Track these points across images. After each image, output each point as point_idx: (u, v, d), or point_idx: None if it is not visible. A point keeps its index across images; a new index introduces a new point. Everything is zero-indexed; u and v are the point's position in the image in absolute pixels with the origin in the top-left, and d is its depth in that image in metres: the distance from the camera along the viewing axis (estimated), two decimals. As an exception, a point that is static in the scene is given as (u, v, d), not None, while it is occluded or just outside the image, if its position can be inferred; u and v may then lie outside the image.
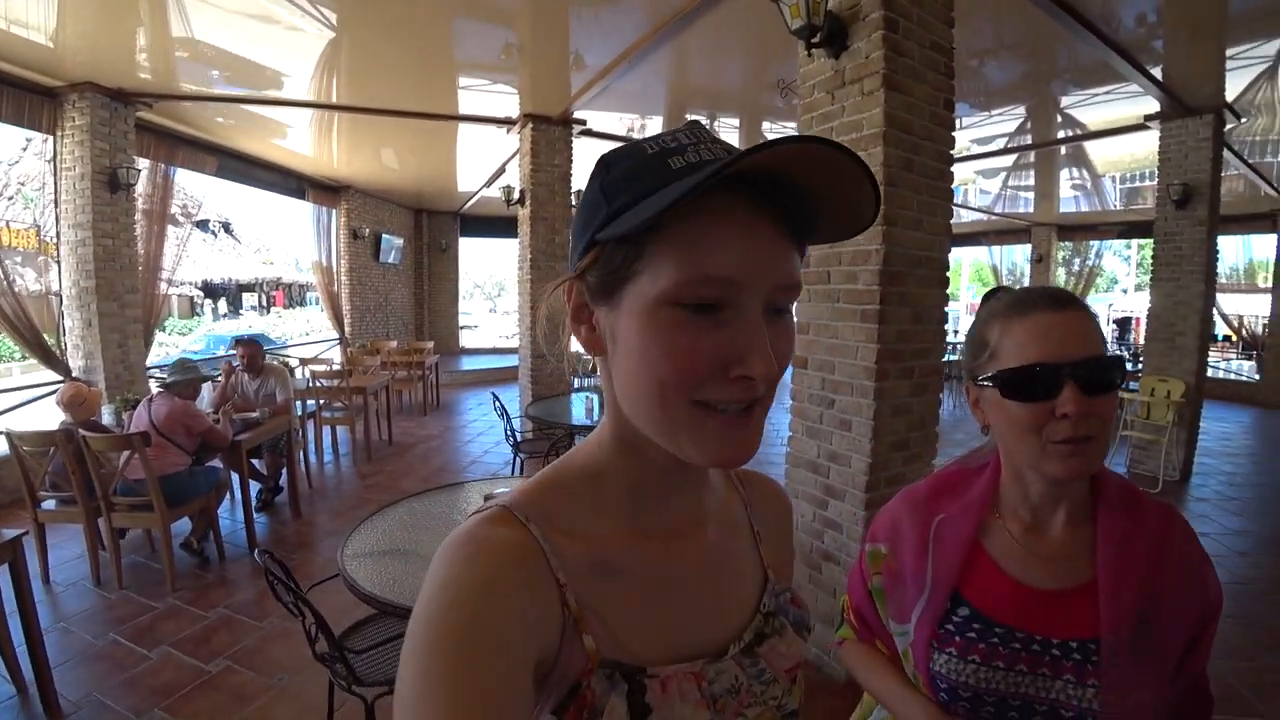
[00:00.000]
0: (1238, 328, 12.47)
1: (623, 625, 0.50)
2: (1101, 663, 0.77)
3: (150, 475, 3.18)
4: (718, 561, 0.58)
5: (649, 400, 0.45)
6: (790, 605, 0.61)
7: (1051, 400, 0.75)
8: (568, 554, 0.49)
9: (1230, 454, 6.64)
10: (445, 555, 0.45)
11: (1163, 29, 4.02)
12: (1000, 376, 0.79)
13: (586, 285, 0.48)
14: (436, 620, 0.41)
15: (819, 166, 0.40)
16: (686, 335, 0.42)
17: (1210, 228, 5.33)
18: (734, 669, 0.53)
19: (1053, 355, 0.75)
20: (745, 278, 0.42)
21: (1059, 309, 0.78)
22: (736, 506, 0.64)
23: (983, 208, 10.93)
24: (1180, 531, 0.84)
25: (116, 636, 2.86)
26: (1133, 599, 0.77)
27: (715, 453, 0.45)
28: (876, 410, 2.40)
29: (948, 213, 2.57)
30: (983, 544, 0.88)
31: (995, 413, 0.82)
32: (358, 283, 9.95)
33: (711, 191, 0.40)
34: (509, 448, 4.80)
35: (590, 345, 0.50)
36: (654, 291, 0.43)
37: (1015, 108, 5.79)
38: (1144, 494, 0.87)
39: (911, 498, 0.97)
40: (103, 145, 4.97)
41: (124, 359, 5.21)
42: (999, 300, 0.86)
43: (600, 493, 0.53)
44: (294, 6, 3.79)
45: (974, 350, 0.87)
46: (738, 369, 0.42)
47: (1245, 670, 2.72)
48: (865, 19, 2.32)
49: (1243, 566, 3.81)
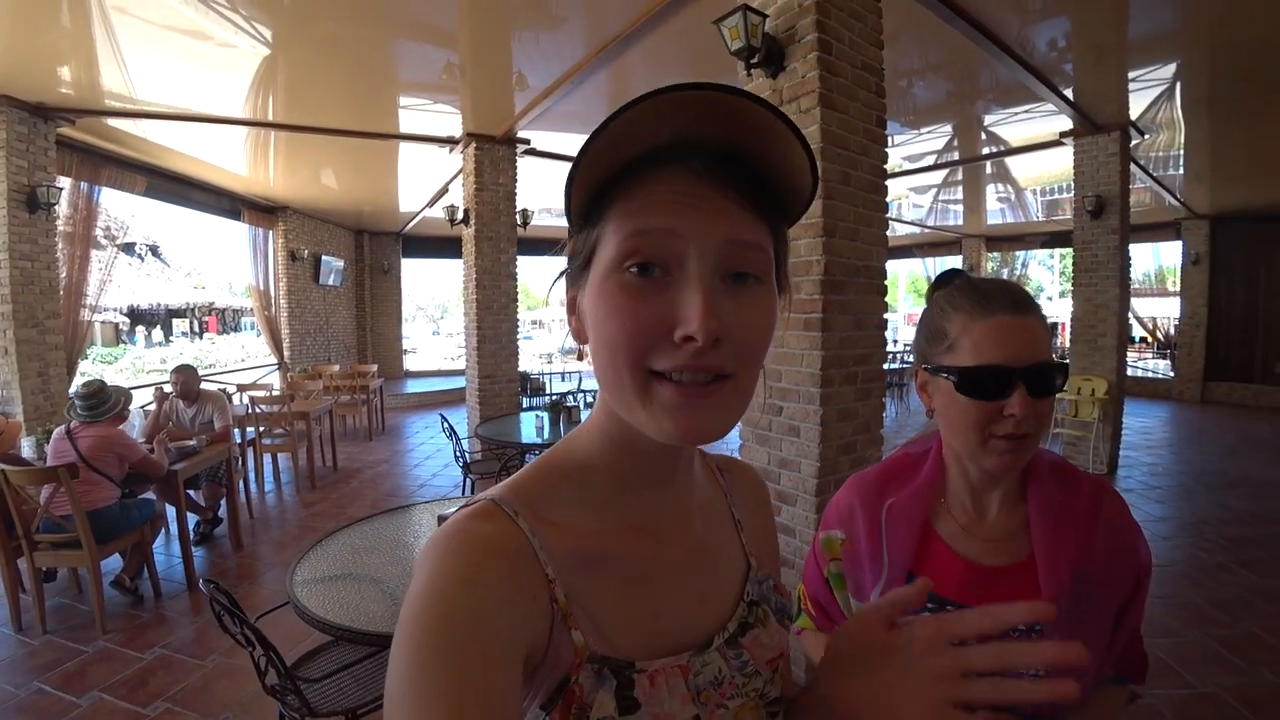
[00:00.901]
0: (1152, 329, 13.34)
1: (611, 619, 0.50)
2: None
3: (78, 510, 3.00)
4: (703, 553, 0.58)
5: (606, 371, 0.46)
6: (773, 593, 0.62)
7: (1001, 400, 0.79)
8: (556, 548, 0.49)
9: (1151, 446, 7.07)
10: (432, 550, 0.45)
11: (1072, 53, 4.32)
12: (957, 372, 0.82)
13: (569, 276, 0.51)
14: (424, 614, 0.41)
15: (737, 121, 0.42)
16: (630, 298, 0.43)
17: (1122, 236, 5.71)
18: (718, 660, 0.53)
19: (1008, 359, 0.79)
20: (685, 228, 0.43)
21: (1019, 314, 0.82)
22: (717, 496, 0.64)
23: (916, 221, 11.41)
24: (1110, 500, 0.89)
25: (42, 685, 2.68)
26: (1069, 566, 0.83)
27: (672, 425, 0.44)
28: (823, 416, 2.47)
29: (883, 224, 2.69)
30: (934, 527, 0.92)
31: (943, 401, 0.85)
32: (297, 306, 9.64)
33: (660, 166, 0.44)
34: (459, 470, 4.72)
35: (576, 334, 0.51)
36: (604, 261, 0.45)
37: (942, 126, 6.10)
38: (1076, 469, 0.93)
39: (862, 484, 1.00)
40: (20, 162, 4.71)
41: (44, 388, 4.91)
42: (960, 292, 0.87)
43: (589, 485, 0.53)
44: (227, 23, 3.70)
45: (930, 337, 0.89)
46: (680, 329, 0.42)
47: (1171, 644, 2.90)
48: (801, 41, 2.43)
49: (1165, 550, 4.05)
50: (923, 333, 0.92)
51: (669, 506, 0.57)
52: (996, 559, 0.88)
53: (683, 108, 0.41)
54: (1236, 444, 7.19)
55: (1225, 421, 8.61)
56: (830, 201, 2.44)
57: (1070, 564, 0.83)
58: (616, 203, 0.45)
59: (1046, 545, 0.85)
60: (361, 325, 11.96)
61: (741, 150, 0.45)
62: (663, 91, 0.40)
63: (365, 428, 8.25)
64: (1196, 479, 5.75)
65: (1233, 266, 9.86)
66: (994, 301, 0.83)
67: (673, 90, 0.40)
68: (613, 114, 0.40)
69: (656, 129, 0.42)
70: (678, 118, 0.42)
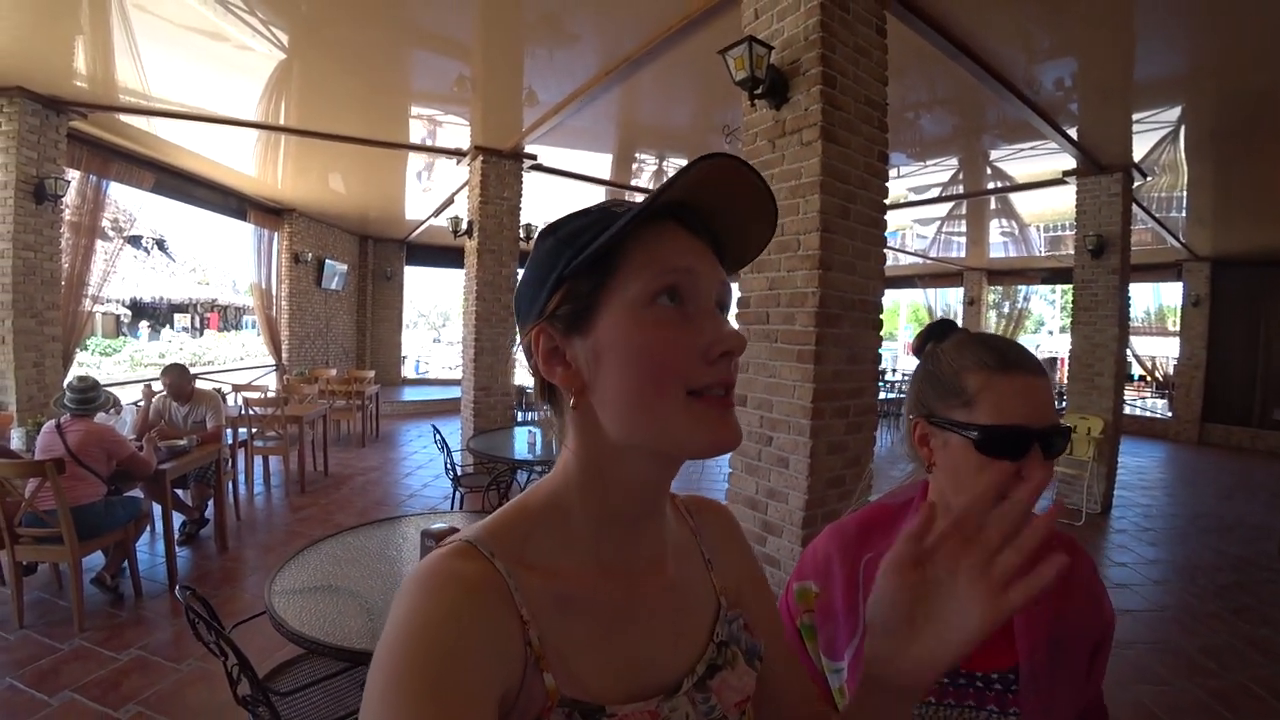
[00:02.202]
0: (1151, 368, 13.33)
1: (584, 663, 0.50)
2: (1020, 690, 0.82)
3: (63, 506, 2.98)
4: (677, 596, 0.59)
5: (645, 398, 0.49)
6: (743, 632, 0.62)
7: (1017, 461, 0.78)
8: (532, 590, 0.49)
9: (1146, 487, 7.03)
10: (409, 589, 0.46)
11: (1077, 93, 4.36)
12: (978, 430, 0.80)
13: (557, 324, 0.51)
14: (400, 653, 0.41)
15: (730, 182, 0.50)
16: (667, 329, 0.49)
17: (1123, 276, 5.72)
18: (686, 705, 0.53)
19: (1029, 419, 0.79)
20: (700, 267, 0.51)
21: (1039, 376, 0.82)
22: (687, 537, 0.65)
23: (919, 252, 11.45)
24: (1081, 561, 0.89)
25: (13, 681, 2.65)
26: (1045, 629, 0.83)
27: (713, 435, 0.49)
28: (813, 448, 2.47)
29: (881, 258, 2.71)
30: None
31: (953, 458, 0.83)
32: (298, 308, 9.65)
33: (656, 221, 0.51)
34: (449, 481, 4.70)
35: (567, 382, 0.51)
36: (630, 298, 0.49)
37: (948, 159, 6.14)
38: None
39: (840, 535, 0.98)
40: (30, 154, 4.74)
41: (39, 379, 4.91)
42: (977, 347, 0.86)
43: (566, 527, 0.53)
44: (245, 25, 3.74)
45: (940, 390, 0.86)
46: (718, 347, 0.49)
47: (1162, 694, 2.86)
48: (805, 74, 2.46)
49: (1158, 594, 4.02)
50: (928, 384, 0.90)
51: (645, 548, 0.57)
52: None
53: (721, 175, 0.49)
54: (1233, 487, 7.16)
55: (1222, 464, 8.58)
56: (828, 234, 2.45)
57: (1046, 624, 0.84)
58: (632, 251, 0.50)
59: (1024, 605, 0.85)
60: (361, 330, 11.98)
61: (716, 210, 0.52)
62: (713, 157, 0.47)
63: (359, 434, 8.23)
64: (1191, 521, 5.72)
65: (1233, 310, 9.87)
66: (1015, 360, 0.83)
67: (721, 158, 0.47)
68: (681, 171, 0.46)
69: (681, 190, 0.48)
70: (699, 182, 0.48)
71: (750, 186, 0.51)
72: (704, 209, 0.52)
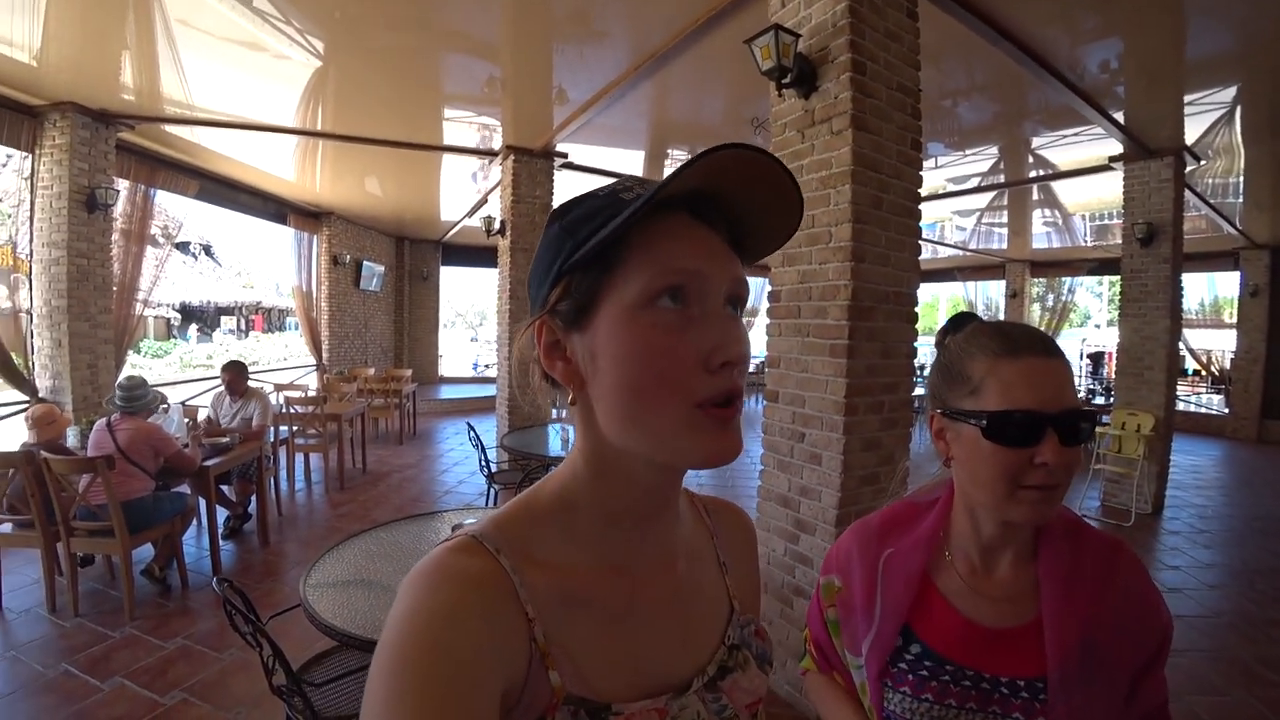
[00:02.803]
0: (1206, 362, 12.78)
1: (590, 660, 0.49)
2: (1049, 700, 0.77)
3: (112, 500, 3.11)
4: (686, 595, 0.58)
5: (645, 405, 0.46)
6: (754, 638, 0.61)
7: (1031, 448, 0.74)
8: (538, 586, 0.49)
9: (1201, 487, 6.74)
10: (411, 583, 0.45)
11: (1124, 75, 4.19)
12: (985, 416, 0.77)
13: (558, 318, 0.50)
14: (400, 648, 0.41)
15: (749, 172, 0.46)
16: (665, 334, 0.45)
17: (1174, 265, 5.48)
18: (696, 704, 0.53)
19: (1040, 403, 0.75)
20: (707, 269, 0.47)
21: (1048, 357, 0.78)
22: (703, 537, 0.64)
23: (958, 244, 11.17)
24: (1125, 563, 0.84)
25: (69, 667, 2.77)
26: (1076, 635, 0.78)
27: (714, 446, 0.46)
28: (846, 444, 2.42)
29: (915, 249, 2.63)
30: (934, 581, 0.88)
31: (966, 449, 0.81)
32: (337, 309, 9.88)
33: (664, 211, 0.47)
34: (484, 478, 4.76)
35: (567, 378, 0.50)
36: (628, 298, 0.46)
37: (988, 147, 5.96)
38: (1089, 527, 0.87)
39: (863, 531, 0.97)
40: (82, 165, 4.94)
41: (93, 380, 5.11)
42: (982, 334, 0.84)
43: (573, 523, 0.53)
44: (282, 35, 3.83)
45: (950, 380, 0.84)
46: (719, 355, 0.45)
47: (1217, 704, 2.74)
48: (834, 61, 2.40)
49: (1213, 599, 3.85)
50: (939, 376, 0.88)
51: (653, 545, 0.56)
52: (1000, 620, 0.83)
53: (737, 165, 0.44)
54: (1294, 488, 6.81)
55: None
56: (860, 225, 2.39)
57: (1078, 629, 0.78)
58: (635, 246, 0.47)
59: (1055, 609, 0.80)
60: (399, 330, 12.19)
61: (735, 199, 0.49)
62: (723, 148, 0.42)
63: (396, 431, 8.39)
64: (1249, 524, 5.46)
65: (1295, 300, 9.40)
66: (1021, 343, 0.79)
67: (732, 148, 0.43)
68: (686, 164, 0.42)
69: (689, 181, 0.45)
70: (711, 173, 0.45)
71: (771, 175, 0.46)
72: (721, 198, 0.48)
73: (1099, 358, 13.35)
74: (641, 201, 0.44)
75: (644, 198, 0.44)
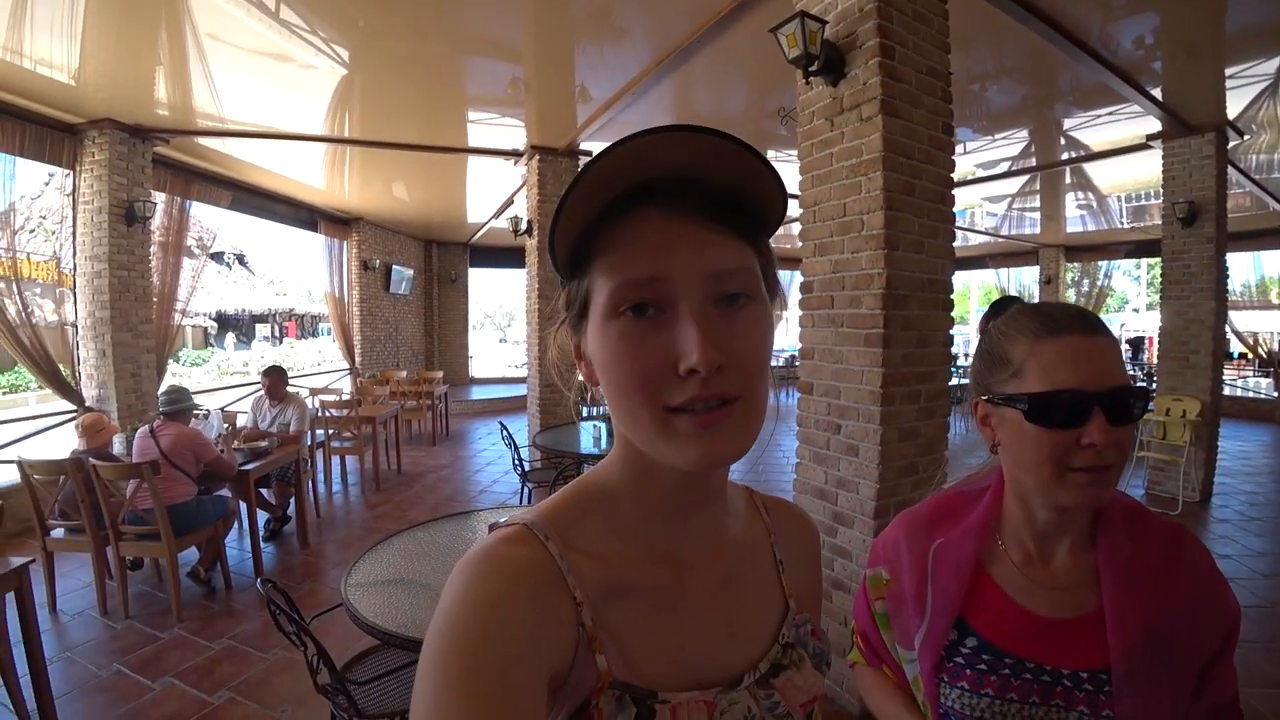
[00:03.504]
0: (1253, 345, 12.32)
1: (636, 647, 0.50)
2: (1114, 693, 0.75)
3: (159, 504, 3.20)
4: (735, 589, 0.58)
5: (621, 411, 0.47)
6: (811, 638, 0.61)
7: (1078, 429, 0.72)
8: (585, 573, 0.49)
9: (1251, 473, 6.50)
10: (462, 571, 0.46)
11: (1160, 50, 4.05)
12: (1027, 399, 0.75)
13: (570, 324, 0.52)
14: (450, 634, 0.42)
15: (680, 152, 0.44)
16: (631, 342, 0.45)
17: (1218, 245, 5.30)
18: (747, 699, 0.53)
19: (1084, 382, 0.72)
20: (669, 271, 0.44)
21: (1091, 334, 0.75)
22: (759, 534, 0.64)
23: (989, 230, 10.94)
24: (1190, 548, 0.80)
25: (121, 667, 2.85)
26: (1140, 625, 0.75)
27: (695, 452, 0.44)
28: (883, 435, 2.38)
29: (950, 235, 2.57)
30: (988, 571, 0.85)
31: (1011, 434, 0.79)
32: (368, 313, 10.04)
33: (632, 208, 0.45)
34: (517, 477, 4.79)
35: (588, 377, 0.52)
36: (598, 310, 0.47)
37: (1018, 130, 5.82)
38: (1150, 513, 0.84)
39: (910, 521, 0.94)
40: (120, 180, 5.09)
41: (136, 389, 5.27)
42: (1022, 315, 0.81)
43: (615, 513, 0.53)
44: (309, 45, 3.90)
45: (991, 365, 0.82)
46: (683, 363, 0.42)
47: (1273, 696, 2.63)
48: (862, 47, 2.36)
49: (1266, 589, 3.71)
50: (982, 361, 0.86)
51: (697, 537, 0.56)
52: (1059, 610, 0.81)
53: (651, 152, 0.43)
54: (1350, 473, 6.54)
55: (1338, 448, 7.85)
56: (893, 213, 2.35)
57: (1143, 620, 0.75)
58: (598, 253, 0.46)
59: (1118, 598, 0.77)
60: (429, 333, 12.35)
61: (706, 178, 0.46)
62: (628, 140, 0.42)
63: (430, 433, 8.49)
64: (1303, 511, 5.25)
65: (1348, 278, 9.03)
66: (1061, 322, 0.76)
67: (639, 137, 0.42)
68: (583, 168, 0.42)
69: (621, 177, 0.44)
70: (645, 163, 0.44)
71: (703, 144, 0.43)
72: (686, 177, 0.45)
73: (1139, 343, 12.96)
74: (550, 232, 0.45)
75: (552, 223, 0.45)
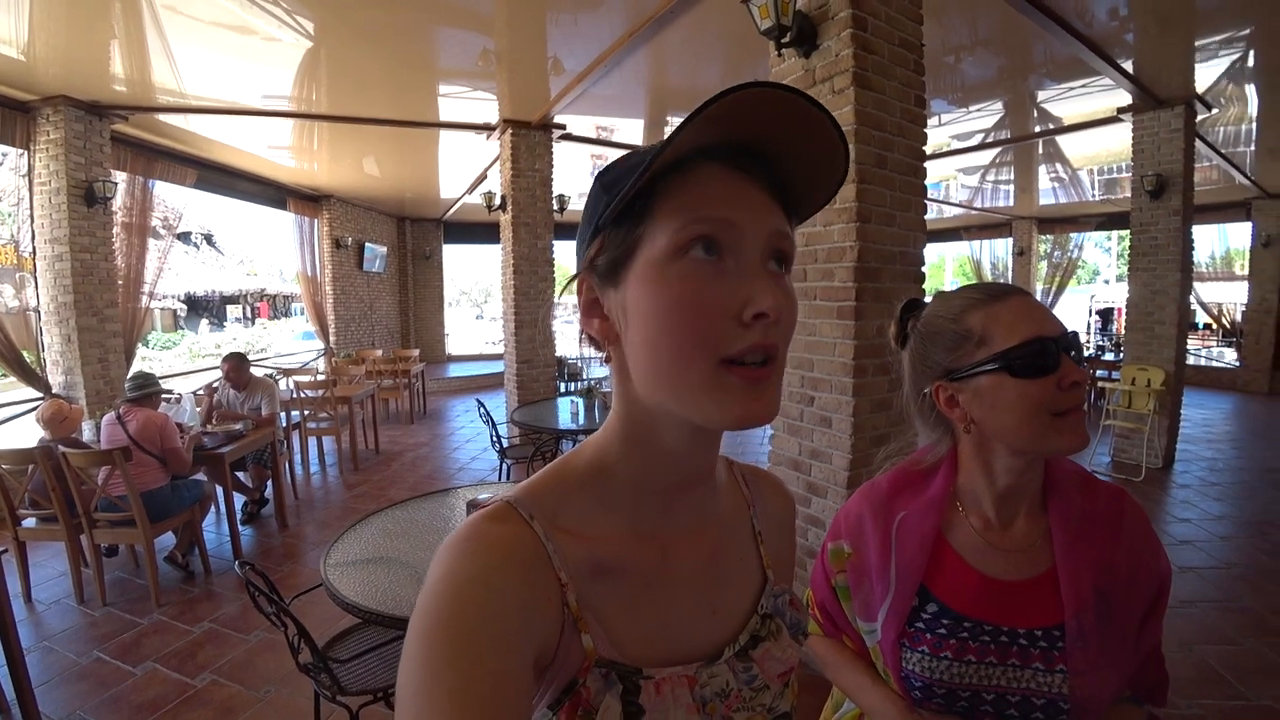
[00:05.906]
0: (1217, 315, 12.66)
1: (621, 626, 0.50)
2: (1066, 647, 0.79)
3: (132, 491, 3.15)
4: (719, 564, 0.58)
5: (670, 362, 0.45)
6: (788, 608, 0.61)
7: (1054, 374, 0.77)
8: (570, 552, 0.49)
9: (1212, 440, 6.73)
10: (447, 550, 0.46)
11: (1133, 22, 4.07)
12: (1003, 356, 0.79)
13: (595, 274, 0.50)
14: (435, 613, 0.41)
15: (778, 110, 0.43)
16: (694, 283, 0.44)
17: (1185, 217, 5.40)
18: (726, 673, 0.53)
19: (1044, 331, 0.79)
20: (741, 219, 0.45)
21: (1022, 294, 0.84)
22: (739, 506, 0.64)
23: (963, 203, 11.02)
24: (1131, 509, 0.86)
25: (100, 654, 2.84)
26: (1090, 582, 0.80)
27: (738, 410, 0.44)
28: (856, 406, 2.42)
29: (921, 208, 2.60)
30: (947, 539, 0.89)
31: (990, 400, 0.81)
32: (342, 292, 9.88)
33: (698, 162, 0.45)
34: (495, 454, 4.79)
35: (604, 334, 0.50)
36: (658, 250, 0.45)
37: (992, 103, 5.85)
38: (1094, 478, 0.90)
39: (872, 493, 0.97)
40: (78, 159, 4.91)
41: (104, 374, 5.15)
42: (955, 295, 0.88)
43: (605, 491, 0.53)
44: (271, 17, 3.77)
45: (950, 346, 0.85)
46: (751, 308, 0.43)
47: (1227, 653, 2.76)
48: (834, 18, 2.35)
49: (1224, 551, 3.86)
50: (933, 349, 0.88)
51: (686, 514, 0.56)
52: (1014, 572, 0.85)
53: (760, 106, 0.42)
54: (1307, 438, 6.78)
55: (1296, 414, 8.12)
56: (865, 185, 2.36)
57: (1092, 577, 0.80)
58: (664, 198, 0.46)
59: (1069, 557, 0.82)
60: (404, 310, 12.20)
61: (778, 148, 0.46)
62: (742, 88, 0.40)
63: (407, 411, 8.44)
64: (1260, 475, 5.46)
65: (1308, 249, 9.25)
66: (996, 289, 0.85)
67: (755, 86, 0.40)
68: (702, 106, 0.40)
69: (712, 128, 0.43)
70: (737, 118, 0.43)
71: (802, 113, 0.43)
72: (760, 149, 0.46)
73: (1108, 314, 13.23)
74: (660, 147, 0.42)
75: (664, 143, 0.42)
